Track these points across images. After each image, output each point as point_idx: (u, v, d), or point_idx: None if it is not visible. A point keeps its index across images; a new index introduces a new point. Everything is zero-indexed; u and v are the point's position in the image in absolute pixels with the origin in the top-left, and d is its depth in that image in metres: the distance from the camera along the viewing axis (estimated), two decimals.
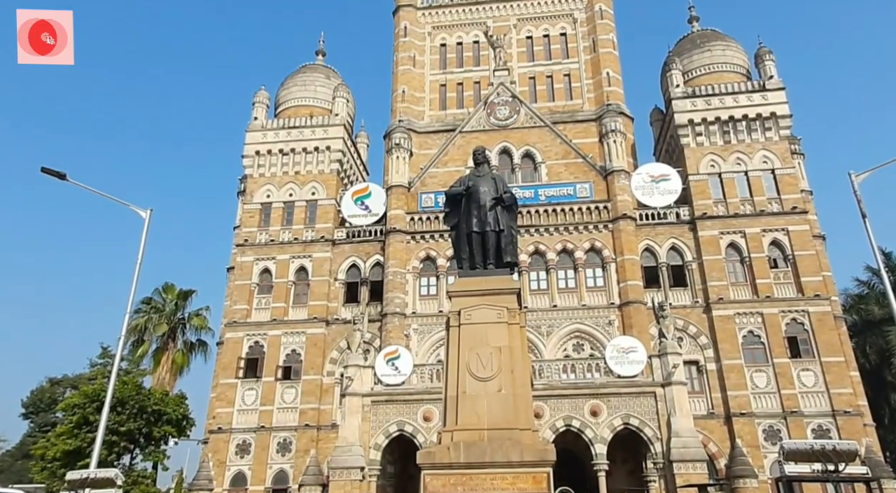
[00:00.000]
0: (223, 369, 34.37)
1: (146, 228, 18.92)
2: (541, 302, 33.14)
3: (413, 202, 36.00)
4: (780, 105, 35.41)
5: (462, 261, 11.38)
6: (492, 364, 9.81)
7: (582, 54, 39.45)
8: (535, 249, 34.02)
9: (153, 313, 36.40)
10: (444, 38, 41.52)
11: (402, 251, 34.72)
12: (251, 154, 38.45)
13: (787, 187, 34.24)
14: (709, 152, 35.39)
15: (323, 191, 37.73)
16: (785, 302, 31.83)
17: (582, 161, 35.61)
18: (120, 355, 19.45)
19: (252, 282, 35.89)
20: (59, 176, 17.60)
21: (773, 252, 33.18)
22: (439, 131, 38.44)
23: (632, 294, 32.13)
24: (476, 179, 11.62)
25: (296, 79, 42.42)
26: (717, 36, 40.55)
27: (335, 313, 35.09)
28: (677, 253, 33.92)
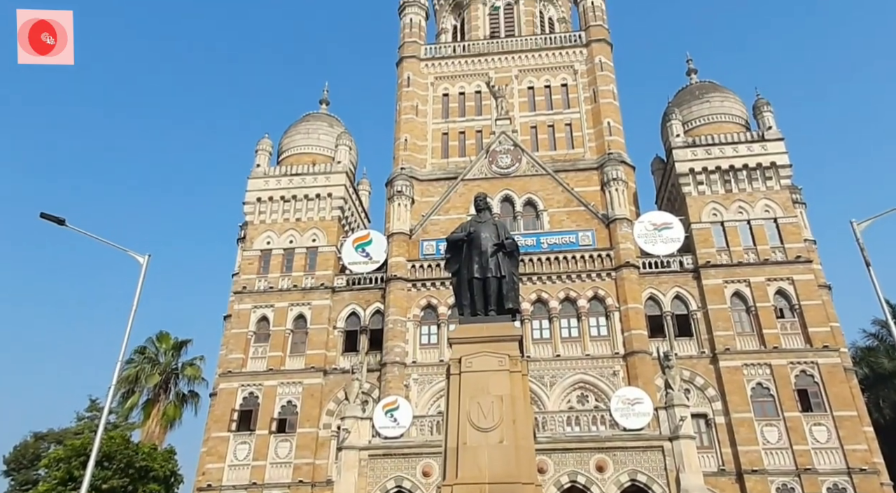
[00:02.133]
0: (215, 421, 33.32)
1: (143, 274, 18.55)
2: (544, 351, 32.46)
3: (414, 250, 35.81)
4: (779, 155, 35.67)
5: (463, 307, 11.17)
6: (493, 414, 9.42)
7: (583, 104, 40.08)
8: (537, 297, 33.58)
9: (146, 363, 35.37)
10: (446, 89, 42.30)
11: (403, 299, 34.27)
12: (252, 201, 38.54)
13: (791, 236, 34.08)
14: (710, 201, 35.41)
15: (324, 238, 37.61)
16: (793, 353, 31.15)
17: (584, 209, 35.60)
18: (108, 408, 18.69)
19: (249, 330, 35.29)
20: (57, 221, 17.47)
21: (778, 302, 32.74)
22: (441, 179, 38.65)
23: (636, 344, 31.49)
24: (477, 225, 11.52)
25: (299, 127, 43.02)
26: (715, 88, 41.28)
27: (333, 362, 34.35)
28: (682, 302, 33.46)
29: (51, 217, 17.33)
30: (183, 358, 37.57)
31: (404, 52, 43.31)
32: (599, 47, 41.49)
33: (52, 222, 17.43)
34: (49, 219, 17.33)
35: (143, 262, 18.73)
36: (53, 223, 17.42)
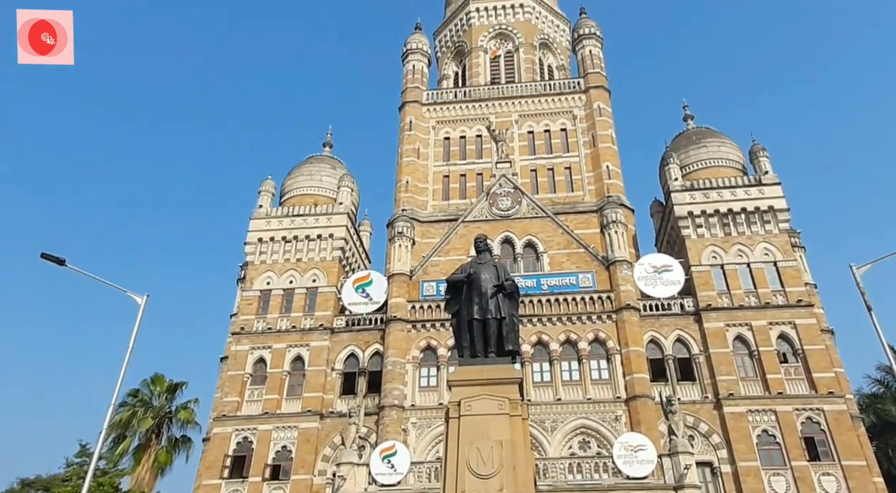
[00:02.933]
0: (207, 468, 32.44)
1: (140, 314, 18.37)
2: (544, 395, 31.94)
3: (415, 291, 35.67)
4: (776, 199, 35.93)
5: (463, 349, 11.05)
6: (493, 460, 9.17)
7: (582, 148, 40.63)
8: (537, 339, 33.27)
9: (139, 407, 34.51)
10: (447, 132, 42.97)
11: (403, 340, 33.94)
12: (254, 241, 38.63)
13: (791, 280, 34.00)
14: (710, 244, 35.49)
15: (324, 278, 37.53)
16: (798, 399, 30.65)
17: (584, 251, 35.63)
18: (98, 453, 18.23)
19: (245, 372, 34.82)
20: (58, 262, 17.45)
21: (781, 346, 32.41)
22: (442, 221, 38.85)
23: (638, 388, 31.00)
24: (477, 266, 11.50)
25: (302, 169, 43.53)
26: (712, 133, 41.93)
27: (330, 405, 33.75)
28: (683, 345, 33.12)
29: (51, 257, 17.30)
30: (177, 401, 36.76)
31: (407, 97, 44.20)
32: (598, 93, 42.34)
33: (53, 263, 17.44)
34: (50, 259, 17.31)
35: (141, 302, 18.59)
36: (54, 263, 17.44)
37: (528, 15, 49.40)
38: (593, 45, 44.81)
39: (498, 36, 49.15)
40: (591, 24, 45.91)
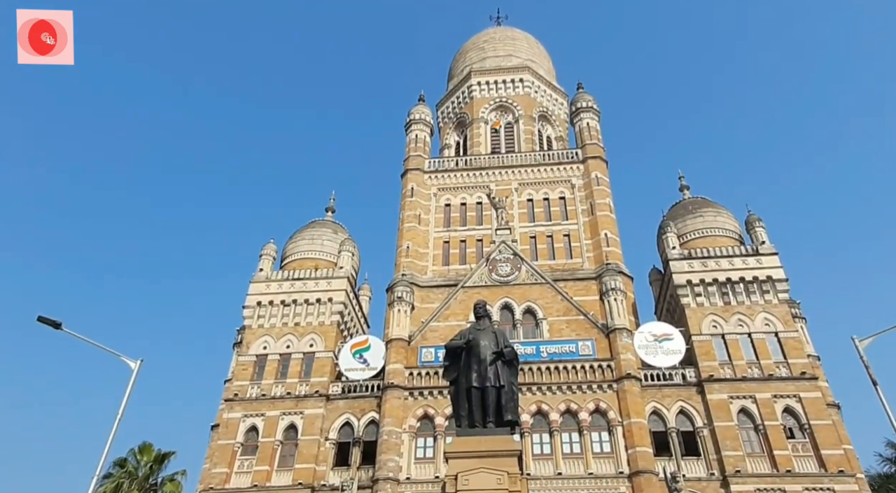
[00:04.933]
0: None
1: (133, 379, 18.04)
2: (545, 469, 30.87)
3: (413, 357, 35.19)
4: (775, 269, 36.04)
5: (461, 418, 10.82)
6: None
7: (581, 216, 41.17)
8: (537, 408, 32.51)
9: (124, 478, 32.99)
10: (448, 199, 43.68)
11: (399, 408, 33.15)
12: (252, 305, 38.46)
13: (793, 351, 33.61)
14: (710, 313, 35.32)
15: (321, 343, 37.11)
16: (808, 479, 29.56)
17: (583, 318, 35.41)
18: None
19: (236, 441, 33.78)
20: (54, 325, 17.36)
21: (787, 420, 31.62)
22: (441, 286, 38.83)
23: (641, 462, 30.00)
24: (477, 332, 11.45)
25: (304, 233, 43.93)
26: (708, 203, 42.58)
27: (322, 478, 32.53)
28: (687, 418, 32.32)
29: (48, 321, 17.23)
30: (164, 472, 35.20)
31: (409, 164, 45.22)
32: (595, 164, 43.34)
33: (49, 326, 17.32)
34: (46, 322, 17.23)
35: (134, 367, 18.29)
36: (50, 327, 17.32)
37: (527, 89, 51.30)
38: (590, 118, 46.26)
39: (498, 108, 50.87)
40: (588, 99, 47.57)
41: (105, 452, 16.65)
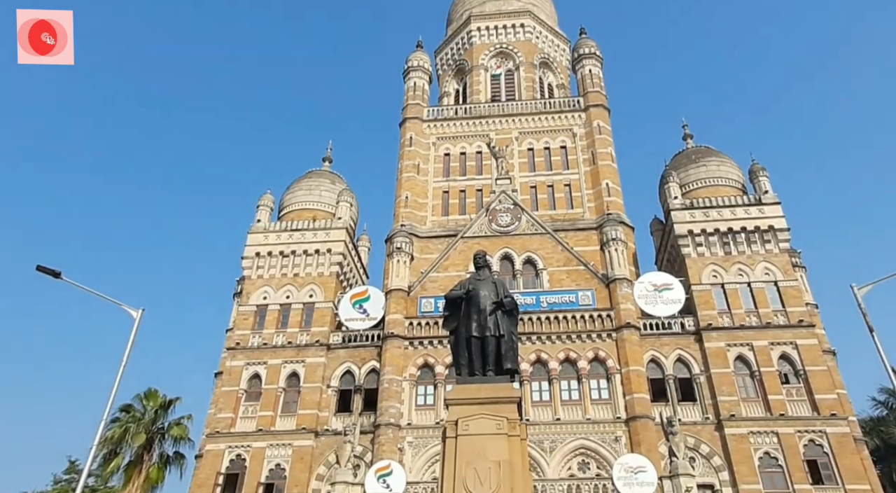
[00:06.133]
0: (199, 486, 31.86)
1: (135, 328, 18.12)
2: (543, 415, 31.49)
3: (412, 307, 35.38)
4: (777, 219, 35.81)
5: (461, 367, 10.80)
6: (490, 481, 8.89)
7: (582, 166, 40.63)
8: (536, 357, 32.90)
9: (131, 423, 33.87)
10: (447, 148, 43.01)
11: (399, 358, 33.56)
12: (251, 256, 38.40)
13: (792, 300, 33.76)
14: (710, 263, 35.30)
15: (321, 294, 37.24)
16: (800, 421, 30.23)
17: (584, 269, 35.43)
18: (88, 470, 17.82)
19: (240, 388, 34.36)
20: (53, 274, 17.26)
21: (783, 366, 32.05)
22: (441, 236, 38.67)
23: (639, 408, 30.58)
24: (476, 283, 11.30)
25: (301, 183, 43.46)
26: (711, 152, 41.97)
27: (325, 423, 33.25)
28: (684, 365, 32.76)
29: (47, 270, 17.13)
30: (170, 417, 36.03)
31: (408, 113, 44.29)
32: (597, 112, 42.45)
33: (48, 275, 17.23)
34: (45, 272, 17.12)
35: (136, 316, 18.33)
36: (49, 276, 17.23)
37: (528, 34, 49.77)
38: (593, 65, 45.04)
39: (499, 54, 49.46)
40: (590, 45, 46.19)
41: (111, 398, 16.86)
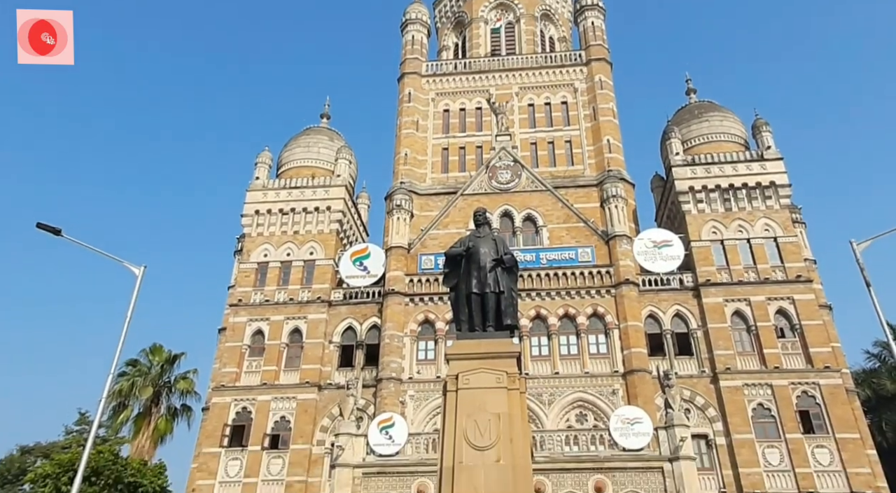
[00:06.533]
0: (207, 436, 32.80)
1: (138, 285, 18.32)
2: (542, 369, 32.09)
3: (413, 264, 35.57)
4: (778, 174, 35.64)
5: (461, 323, 10.93)
6: (490, 432, 9.15)
7: (583, 122, 40.15)
8: (536, 313, 33.29)
9: (138, 377, 34.77)
10: (447, 104, 42.40)
11: (400, 314, 33.95)
12: (251, 213, 38.37)
13: (791, 256, 33.92)
14: (710, 219, 35.30)
15: (321, 251, 37.38)
16: (794, 374, 30.83)
17: (583, 225, 35.46)
18: (98, 421, 18.33)
19: (244, 344, 34.91)
20: (54, 231, 17.28)
21: (779, 321, 32.47)
22: (440, 194, 38.54)
23: (636, 362, 31.14)
24: (476, 240, 11.32)
25: (299, 140, 43.02)
26: (714, 107, 41.41)
27: (328, 377, 33.92)
28: (682, 320, 33.18)
29: (47, 227, 17.14)
30: (176, 371, 36.92)
31: (406, 68, 43.46)
32: (599, 66, 41.66)
33: (49, 232, 17.26)
34: (45, 229, 17.14)
35: (138, 273, 18.50)
36: (49, 233, 17.26)
37: None
38: (595, 17, 43.92)
39: (499, 6, 48.16)
40: None
41: (117, 352, 17.21)
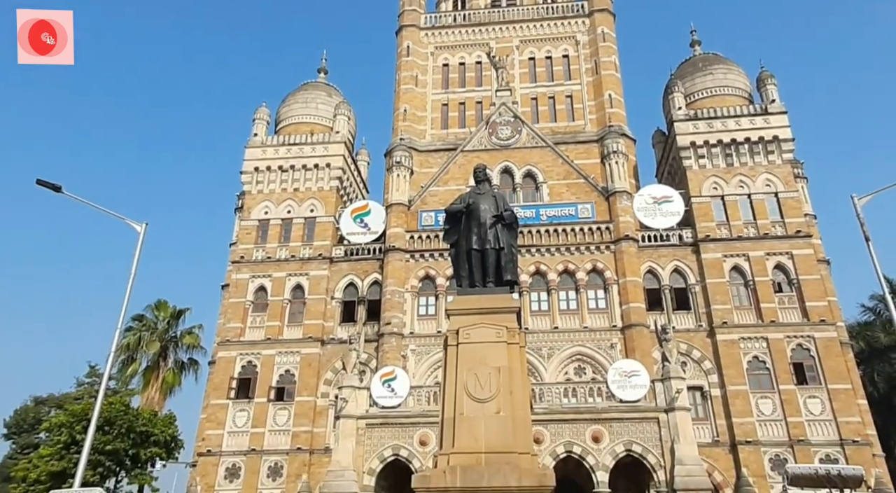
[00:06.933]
0: (214, 389, 33.62)
1: (140, 242, 18.59)
2: (541, 323, 32.56)
3: (413, 221, 35.64)
4: (782, 129, 35.26)
5: (461, 279, 11.05)
6: (490, 385, 9.39)
7: (584, 76, 39.50)
8: (535, 269, 33.56)
9: (144, 331, 35.55)
10: (446, 59, 41.63)
11: (401, 270, 34.23)
12: (250, 170, 38.19)
13: (791, 211, 33.92)
14: (711, 175, 35.15)
15: (322, 208, 37.40)
16: (790, 327, 31.28)
17: (584, 182, 35.36)
18: (108, 374, 18.88)
19: (247, 300, 35.33)
20: (54, 188, 17.37)
21: (777, 276, 32.73)
22: (440, 150, 38.28)
23: (634, 317, 31.58)
24: (476, 196, 11.34)
25: (297, 96, 42.40)
26: (719, 60, 40.63)
27: (331, 332, 34.46)
28: (680, 276, 33.46)
29: (47, 184, 17.21)
30: (181, 326, 37.76)
31: (404, 20, 42.45)
32: (602, 17, 40.68)
33: (49, 189, 17.31)
34: (45, 186, 17.21)
35: (140, 230, 18.71)
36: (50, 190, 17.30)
37: None
38: None
39: None
40: None
41: (123, 308, 17.58)
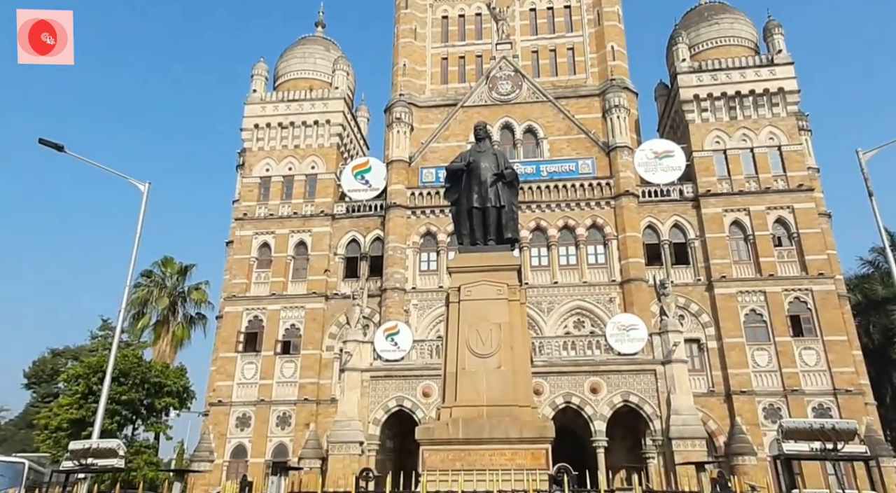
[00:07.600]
0: (223, 342, 34.42)
1: (144, 200, 18.91)
2: (542, 279, 32.96)
3: (414, 177, 35.62)
4: (787, 80, 34.73)
5: (462, 237, 11.25)
6: (491, 341, 9.73)
7: (586, 27, 38.67)
8: (536, 225, 33.72)
9: (153, 287, 36.36)
10: (445, 10, 40.70)
11: (403, 226, 34.44)
12: (250, 127, 37.95)
13: (794, 165, 33.75)
14: (714, 128, 34.84)
15: (323, 165, 37.33)
16: (788, 281, 31.57)
17: (584, 137, 35.12)
18: (120, 327, 19.54)
19: (251, 256, 35.72)
20: (56, 147, 17.50)
21: (777, 230, 32.83)
22: (440, 106, 37.89)
23: (633, 272, 31.91)
24: (477, 154, 11.44)
25: (295, 51, 41.68)
26: (725, 8, 39.65)
27: (334, 288, 34.96)
28: (680, 231, 33.61)
29: (50, 143, 17.33)
30: (188, 282, 38.64)
31: None
32: None
33: (51, 149, 17.41)
34: (48, 145, 17.33)
35: (143, 189, 18.95)
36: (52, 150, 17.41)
37: None
38: None
39: None
40: None
41: (131, 264, 18.04)
